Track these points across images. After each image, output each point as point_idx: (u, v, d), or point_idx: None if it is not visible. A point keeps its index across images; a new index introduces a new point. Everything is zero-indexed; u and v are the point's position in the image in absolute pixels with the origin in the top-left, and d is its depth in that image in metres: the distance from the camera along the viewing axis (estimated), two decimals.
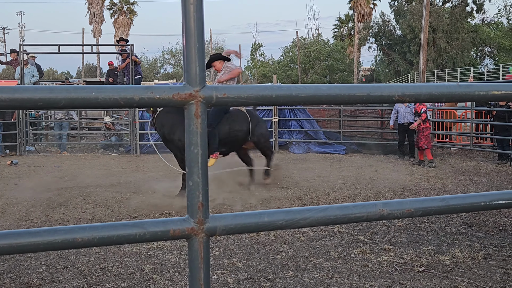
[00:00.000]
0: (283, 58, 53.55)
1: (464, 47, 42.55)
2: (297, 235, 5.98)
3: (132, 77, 14.92)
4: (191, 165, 1.29)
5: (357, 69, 48.32)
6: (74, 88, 1.21)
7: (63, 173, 10.79)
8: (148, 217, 6.99)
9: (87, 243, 1.22)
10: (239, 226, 1.35)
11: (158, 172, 10.87)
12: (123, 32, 47.40)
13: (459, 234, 6.14)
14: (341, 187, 9.16)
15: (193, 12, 1.26)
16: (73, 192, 8.59)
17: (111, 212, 7.30)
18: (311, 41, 53.70)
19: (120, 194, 8.43)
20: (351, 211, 1.45)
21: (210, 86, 1.29)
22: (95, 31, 48.80)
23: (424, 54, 25.75)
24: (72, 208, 7.50)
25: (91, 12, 48.66)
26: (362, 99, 1.44)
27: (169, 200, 7.93)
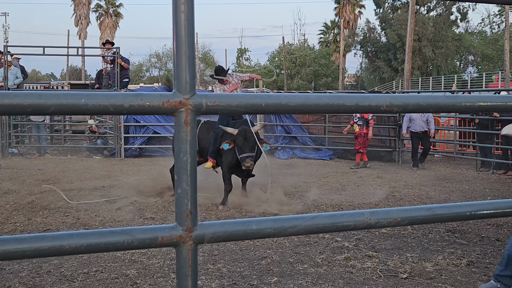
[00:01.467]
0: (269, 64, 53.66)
1: (448, 55, 43.01)
2: (282, 241, 5.99)
3: (118, 80, 14.84)
4: (180, 173, 1.29)
5: (343, 76, 48.56)
6: (64, 94, 1.20)
7: (46, 176, 10.70)
8: (132, 222, 6.96)
9: (74, 250, 1.21)
10: (227, 234, 1.35)
11: (142, 176, 10.83)
12: (108, 35, 47.20)
13: (443, 241, 6.19)
14: (326, 193, 9.19)
15: (184, 20, 1.26)
16: (57, 196, 8.52)
17: (95, 216, 7.25)
18: (297, 46, 53.90)
19: (104, 198, 8.38)
20: (339, 220, 1.46)
21: (200, 94, 1.29)
22: (81, 33, 48.56)
23: (409, 62, 25.96)
24: (55, 212, 7.44)
25: (77, 14, 48.42)
26: (350, 109, 1.45)
27: (154, 204, 7.90)
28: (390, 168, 12.96)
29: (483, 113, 12.33)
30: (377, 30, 46.51)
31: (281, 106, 1.37)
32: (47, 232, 6.40)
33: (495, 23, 48.76)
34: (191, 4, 1.27)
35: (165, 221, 7.04)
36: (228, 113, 1.36)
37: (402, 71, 37.51)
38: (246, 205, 7.93)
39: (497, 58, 43.73)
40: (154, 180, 9.62)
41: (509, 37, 31.82)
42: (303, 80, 49.32)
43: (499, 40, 43.77)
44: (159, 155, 14.87)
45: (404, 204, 8.38)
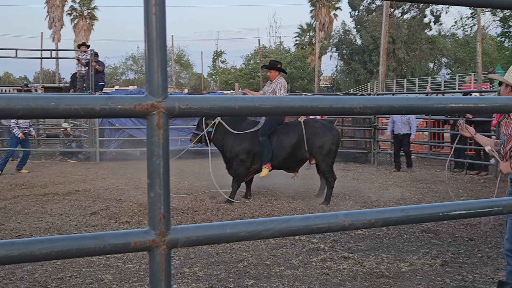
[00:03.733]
0: (244, 66, 53.70)
1: (422, 57, 43.54)
2: (258, 243, 5.98)
3: (92, 83, 14.70)
4: (153, 177, 1.27)
5: (318, 78, 48.81)
6: (33, 98, 1.18)
7: (19, 181, 10.54)
8: (108, 226, 6.88)
9: (45, 256, 1.19)
10: (201, 237, 1.34)
11: (118, 180, 10.73)
12: (83, 37, 46.71)
13: (417, 241, 6.25)
14: (303, 195, 9.21)
15: (155, 22, 1.25)
16: (30, 201, 8.40)
17: (69, 221, 7.16)
18: (273, 49, 54.02)
19: (79, 203, 8.29)
20: (313, 222, 1.46)
21: (173, 97, 1.28)
22: (55, 36, 47.99)
23: (383, 64, 26.20)
24: (29, 217, 7.33)
25: (51, 16, 47.84)
26: (324, 110, 1.45)
27: (130, 208, 7.83)
28: (366, 170, 13.05)
29: (456, 114, 12.49)
30: (352, 32, 46.87)
31: (254, 108, 1.37)
32: (20, 238, 6.30)
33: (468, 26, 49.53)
34: (162, 6, 1.26)
35: (140, 225, 6.99)
36: (201, 115, 1.35)
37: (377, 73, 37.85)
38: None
39: (470, 60, 44.42)
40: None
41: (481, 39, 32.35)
42: None
43: (470, 43, 44.48)
44: (135, 158, 14.75)
45: (379, 205, 8.44)
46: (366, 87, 43.60)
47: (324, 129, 8.50)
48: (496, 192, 4.61)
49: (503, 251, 5.64)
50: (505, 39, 47.93)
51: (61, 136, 16.36)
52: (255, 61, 50.28)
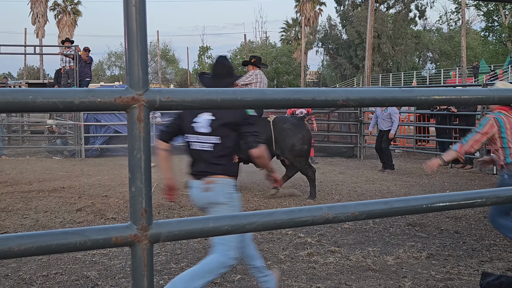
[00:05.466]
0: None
1: (407, 52, 43.78)
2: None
3: (77, 78, 14.59)
4: (134, 171, 1.26)
5: (304, 73, 48.87)
6: (10, 91, 1.16)
7: (3, 178, 10.43)
8: (93, 223, 6.84)
9: (24, 252, 1.17)
10: (184, 232, 1.33)
11: (103, 176, 10.66)
12: (67, 33, 46.33)
13: (403, 234, 6.28)
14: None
15: (135, 14, 1.23)
16: (15, 198, 8.32)
17: (55, 217, 7.10)
18: (259, 44, 54.00)
19: (64, 199, 8.22)
20: (297, 215, 1.45)
21: (154, 90, 1.27)
22: (38, 32, 47.57)
23: (369, 59, 26.30)
24: (13, 214, 7.26)
25: (34, 12, 47.39)
26: (307, 103, 1.44)
27: (116, 204, 7.79)
28: (352, 164, 13.10)
29: (441, 108, 12.57)
30: (338, 27, 46.98)
31: (237, 101, 1.36)
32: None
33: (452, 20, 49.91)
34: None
35: (127, 221, 6.92)
36: (182, 108, 1.33)
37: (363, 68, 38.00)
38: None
39: (454, 55, 44.74)
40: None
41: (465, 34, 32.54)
42: None
43: (455, 37, 44.78)
44: (121, 154, 14.66)
45: (365, 199, 8.47)
46: (352, 82, 43.75)
47: (294, 129, 8.38)
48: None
49: (487, 243, 5.70)
50: (489, 34, 48.32)
51: (46, 132, 16.23)
52: (242, 56, 50.20)
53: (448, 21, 50.16)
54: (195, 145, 3.74)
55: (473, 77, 34.90)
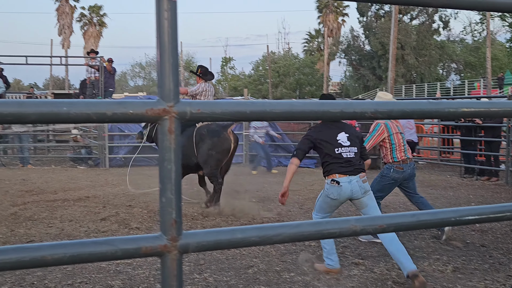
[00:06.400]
0: (253, 72, 53.79)
1: (431, 63, 43.46)
2: (268, 249, 5.97)
3: (102, 89, 14.78)
4: (164, 182, 1.27)
5: (327, 84, 48.79)
6: (44, 103, 1.19)
7: (29, 187, 10.58)
8: (117, 232, 6.89)
9: (56, 261, 1.20)
10: (212, 242, 1.34)
11: (127, 186, 10.74)
12: (92, 44, 47.00)
13: (428, 247, 6.20)
14: (313, 200, 9.18)
15: (167, 27, 1.25)
16: (40, 207, 8.43)
17: (79, 227, 7.17)
18: (281, 55, 54.10)
19: (89, 209, 8.30)
20: (324, 227, 1.45)
21: (184, 102, 1.29)
22: (64, 43, 48.33)
23: (392, 70, 26.17)
24: (39, 223, 7.35)
25: (60, 23, 48.19)
26: (335, 115, 1.45)
27: (139, 213, 7.84)
28: (375, 175, 12.97)
29: (466, 119, 12.43)
30: (361, 38, 46.88)
31: (266, 113, 1.37)
32: (31, 243, 6.32)
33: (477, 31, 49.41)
34: (174, 11, 1.26)
35: (150, 231, 6.99)
36: (212, 120, 1.35)
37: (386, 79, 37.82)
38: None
39: (479, 66, 44.26)
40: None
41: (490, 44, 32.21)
42: (287, 89, 49.46)
43: (480, 48, 44.33)
44: (144, 164, 14.77)
45: (389, 211, 8.40)
46: (375, 93, 43.53)
47: (207, 134, 8.22)
48: None
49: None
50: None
51: (70, 142, 16.44)
52: (264, 67, 50.36)
53: (472, 32, 49.69)
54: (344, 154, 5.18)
55: (498, 88, 34.48)
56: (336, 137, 5.18)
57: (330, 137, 5.19)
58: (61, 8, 48.16)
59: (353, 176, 5.06)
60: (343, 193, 5.06)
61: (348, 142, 5.18)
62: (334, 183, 5.07)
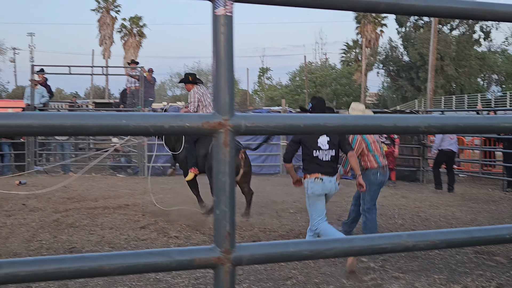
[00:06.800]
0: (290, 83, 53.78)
1: (471, 74, 42.67)
2: (306, 261, 5.93)
3: (142, 98, 15.00)
4: (218, 194, 1.28)
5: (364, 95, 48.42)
6: (104, 116, 1.21)
7: (71, 194, 10.79)
8: (157, 240, 6.96)
9: (114, 271, 1.22)
10: (265, 256, 1.34)
11: (166, 195, 10.85)
12: (132, 54, 47.83)
13: (471, 262, 6.07)
14: None
15: (223, 42, 1.27)
16: (81, 214, 8.58)
17: (120, 234, 7.27)
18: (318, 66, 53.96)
19: (128, 217, 8.41)
20: (376, 242, 1.44)
21: (239, 115, 1.30)
22: (105, 53, 49.30)
23: (431, 81, 25.84)
24: (80, 230, 7.48)
25: (102, 34, 49.20)
26: (388, 129, 1.44)
27: (178, 222, 7.91)
28: (415, 188, 12.81)
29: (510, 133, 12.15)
30: (399, 49, 46.40)
31: (319, 126, 1.37)
32: (73, 250, 6.43)
33: None
34: (230, 26, 1.27)
35: (189, 240, 7.04)
36: (266, 133, 1.36)
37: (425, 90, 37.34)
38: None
39: None
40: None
41: None
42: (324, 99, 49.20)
43: None
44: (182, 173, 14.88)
45: (430, 225, 8.26)
46: (413, 104, 43.00)
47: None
48: None
49: None
50: None
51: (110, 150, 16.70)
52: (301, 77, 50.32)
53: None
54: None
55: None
56: (316, 141, 5.87)
57: (311, 140, 5.87)
58: (103, 19, 49.21)
59: (331, 177, 5.86)
60: (325, 188, 5.85)
61: (327, 146, 5.88)
62: (319, 180, 5.80)
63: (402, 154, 15.24)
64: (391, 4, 1.39)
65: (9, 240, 6.88)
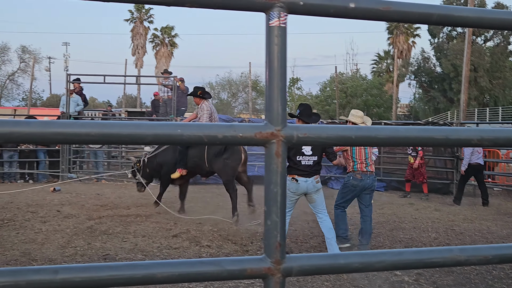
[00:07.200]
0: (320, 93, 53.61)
1: (506, 85, 41.94)
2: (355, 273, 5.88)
3: (174, 108, 15.14)
4: (270, 204, 1.28)
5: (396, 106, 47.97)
6: (159, 125, 1.23)
7: (104, 201, 10.93)
8: (189, 249, 6.99)
9: (166, 279, 1.23)
10: (314, 267, 1.34)
11: (197, 204, 10.91)
12: (164, 64, 48.31)
13: (508, 278, 5.94)
14: (384, 225, 9.01)
15: (277, 53, 1.27)
16: (114, 221, 8.67)
17: (152, 242, 7.32)
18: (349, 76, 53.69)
19: (160, 225, 8.47)
20: (427, 256, 1.42)
21: (292, 126, 1.30)
22: (137, 62, 49.90)
23: (465, 92, 25.45)
24: (113, 237, 7.56)
25: (134, 44, 49.84)
26: (439, 142, 1.42)
27: (210, 231, 7.93)
28: (448, 201, 12.61)
29: None
30: (431, 60, 45.92)
31: (370, 138, 1.36)
32: (106, 257, 6.50)
33: None
34: (284, 37, 1.28)
35: (221, 249, 7.04)
36: (318, 144, 1.35)
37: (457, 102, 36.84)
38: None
39: None
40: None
41: None
42: None
43: None
44: (212, 182, 14.95)
45: (465, 239, 8.11)
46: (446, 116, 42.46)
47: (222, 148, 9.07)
48: None
49: None
50: None
51: None
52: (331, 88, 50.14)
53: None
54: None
55: None
56: (301, 146, 6.48)
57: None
58: (136, 29, 49.90)
59: (308, 177, 6.64)
60: (300, 188, 6.65)
61: (310, 152, 6.67)
62: (294, 180, 6.64)
63: (435, 166, 15.04)
64: (444, 16, 1.38)
65: (44, 246, 6.99)
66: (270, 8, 1.26)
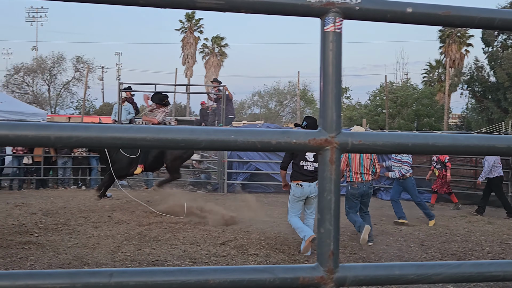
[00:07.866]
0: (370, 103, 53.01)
1: None
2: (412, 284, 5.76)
3: (223, 116, 15.26)
4: (323, 212, 1.27)
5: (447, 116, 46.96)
6: (214, 131, 1.23)
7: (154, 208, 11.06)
8: (236, 257, 7.00)
9: (218, 286, 1.22)
10: (369, 277, 1.31)
11: (243, 212, 10.92)
12: (213, 73, 48.83)
13: None
14: (435, 237, 8.80)
15: (331, 59, 1.25)
16: (164, 228, 8.78)
17: (200, 249, 7.37)
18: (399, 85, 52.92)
19: (209, 232, 8.52)
20: (487, 269, 1.37)
21: (346, 133, 1.28)
22: (187, 72, 50.61)
23: None
24: (162, 244, 7.65)
25: (185, 53, 50.59)
26: (501, 151, 1.38)
27: (257, 240, 7.92)
28: (502, 214, 12.21)
29: None
30: (485, 69, 44.78)
31: (428, 146, 1.33)
32: (156, 263, 6.58)
33: None
34: (339, 43, 1.26)
35: (268, 258, 7.03)
36: (372, 152, 1.33)
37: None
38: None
39: None
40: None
41: None
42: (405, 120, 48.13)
43: None
44: (260, 191, 14.98)
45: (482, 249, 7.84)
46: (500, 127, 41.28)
47: None
48: None
49: None
50: None
51: (191, 167, 17.06)
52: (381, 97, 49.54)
53: None
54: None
55: None
56: (305, 153, 7.12)
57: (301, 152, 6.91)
58: (186, 39, 50.66)
59: (311, 182, 7.20)
60: (304, 192, 7.22)
61: (313, 158, 7.20)
62: (299, 186, 7.21)
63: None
64: (506, 21, 1.33)
65: (96, 251, 7.14)
66: (325, 14, 1.25)
